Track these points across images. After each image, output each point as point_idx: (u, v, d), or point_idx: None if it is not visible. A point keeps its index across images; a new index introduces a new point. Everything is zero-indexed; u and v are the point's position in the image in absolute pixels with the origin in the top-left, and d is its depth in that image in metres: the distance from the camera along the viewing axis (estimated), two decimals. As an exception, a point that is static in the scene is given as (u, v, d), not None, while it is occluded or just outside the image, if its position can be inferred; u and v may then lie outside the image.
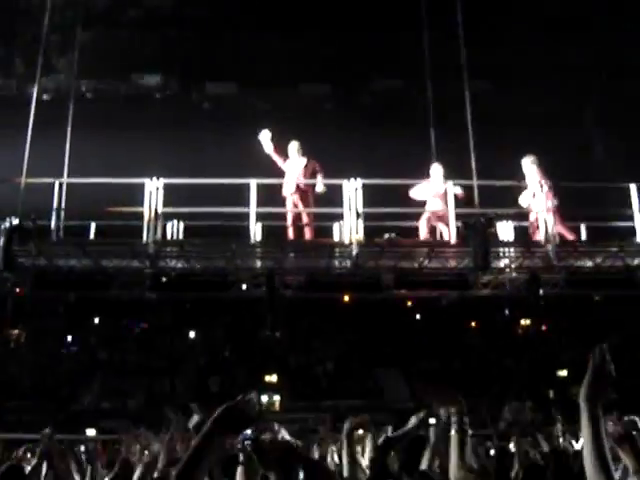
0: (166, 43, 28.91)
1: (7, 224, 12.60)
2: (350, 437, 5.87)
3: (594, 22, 26.02)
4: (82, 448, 11.56)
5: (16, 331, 27.47)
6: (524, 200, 13.94)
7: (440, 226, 14.09)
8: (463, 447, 3.52)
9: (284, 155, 14.71)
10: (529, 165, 14.26)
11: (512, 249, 13.44)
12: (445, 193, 13.68)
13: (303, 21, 27.15)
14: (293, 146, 14.75)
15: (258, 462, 5.05)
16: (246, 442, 5.15)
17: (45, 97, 27.12)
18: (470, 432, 3.66)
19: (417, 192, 14.43)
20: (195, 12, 28.30)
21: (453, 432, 3.58)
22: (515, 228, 13.80)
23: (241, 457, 5.82)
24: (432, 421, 7.89)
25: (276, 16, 27.13)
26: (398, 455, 6.60)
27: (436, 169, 14.73)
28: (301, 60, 28.24)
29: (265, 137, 14.62)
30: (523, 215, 13.97)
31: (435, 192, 14.24)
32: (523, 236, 13.81)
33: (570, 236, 13.82)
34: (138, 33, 28.83)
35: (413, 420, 6.11)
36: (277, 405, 29.08)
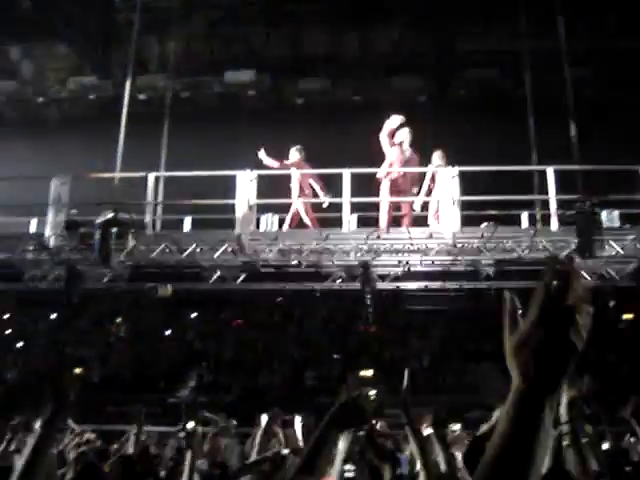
0: (258, 40, 29.03)
1: (103, 218, 12.77)
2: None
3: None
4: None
5: (116, 325, 28.03)
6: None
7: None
8: (584, 461, 3.07)
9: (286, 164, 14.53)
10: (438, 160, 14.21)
11: (619, 236, 12.86)
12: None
13: (394, 14, 26.84)
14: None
15: (372, 455, 4.86)
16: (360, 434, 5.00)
17: (141, 96, 27.56)
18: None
19: None
20: (286, 8, 28.31)
21: (566, 443, 3.13)
22: (621, 215, 13.19)
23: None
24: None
25: (367, 10, 26.89)
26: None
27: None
28: (393, 53, 27.92)
29: (263, 155, 14.35)
30: (630, 202, 13.36)
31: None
32: (632, 223, 13.19)
33: None
34: (230, 30, 29.02)
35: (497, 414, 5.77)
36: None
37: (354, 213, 13.48)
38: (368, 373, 28.77)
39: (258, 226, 13.73)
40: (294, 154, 14.70)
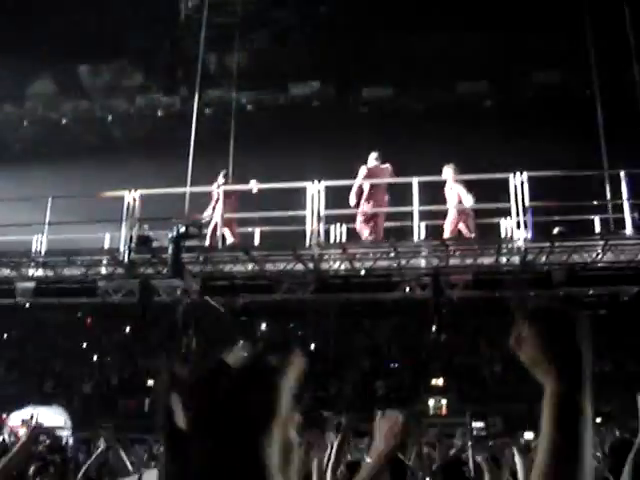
0: (321, 51, 29.14)
1: (174, 232, 12.98)
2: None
3: None
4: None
5: (186, 337, 28.37)
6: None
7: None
8: None
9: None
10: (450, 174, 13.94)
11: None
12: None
13: (457, 19, 26.67)
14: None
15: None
16: None
17: (207, 111, 27.91)
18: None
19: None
20: (348, 18, 28.38)
21: None
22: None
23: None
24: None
25: (429, 16, 26.79)
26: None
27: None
28: (457, 59, 27.76)
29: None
30: None
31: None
32: None
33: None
34: (293, 43, 29.23)
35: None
36: (444, 409, 28.67)
37: (423, 221, 13.41)
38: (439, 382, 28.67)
39: (327, 237, 13.75)
40: (220, 179, 15.04)
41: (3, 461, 4.81)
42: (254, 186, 14.70)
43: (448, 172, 14.12)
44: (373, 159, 14.64)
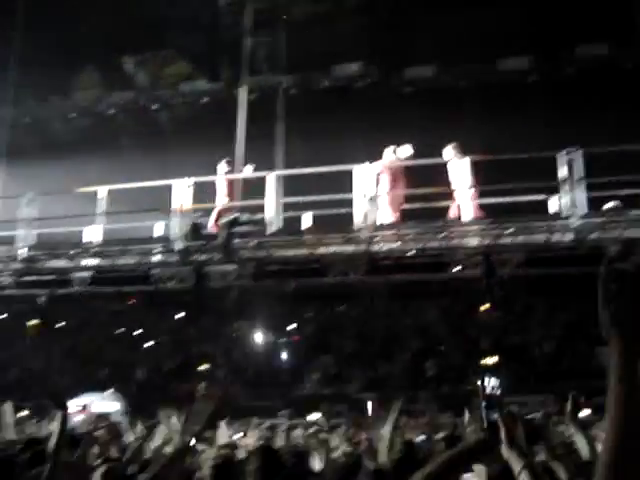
0: (363, 32, 29.04)
1: (227, 219, 13.19)
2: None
3: None
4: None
5: (239, 323, 28.74)
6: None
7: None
8: None
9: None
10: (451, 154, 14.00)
11: None
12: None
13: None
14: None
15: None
16: None
17: (251, 96, 28.01)
18: None
19: None
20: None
21: None
22: None
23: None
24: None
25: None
26: None
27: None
28: (498, 35, 27.41)
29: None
30: None
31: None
32: None
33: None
34: (336, 24, 29.18)
35: None
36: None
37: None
38: (491, 360, 28.52)
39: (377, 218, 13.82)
40: (223, 166, 15.85)
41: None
42: (250, 172, 15.13)
43: (450, 153, 14.09)
44: (390, 152, 14.69)
